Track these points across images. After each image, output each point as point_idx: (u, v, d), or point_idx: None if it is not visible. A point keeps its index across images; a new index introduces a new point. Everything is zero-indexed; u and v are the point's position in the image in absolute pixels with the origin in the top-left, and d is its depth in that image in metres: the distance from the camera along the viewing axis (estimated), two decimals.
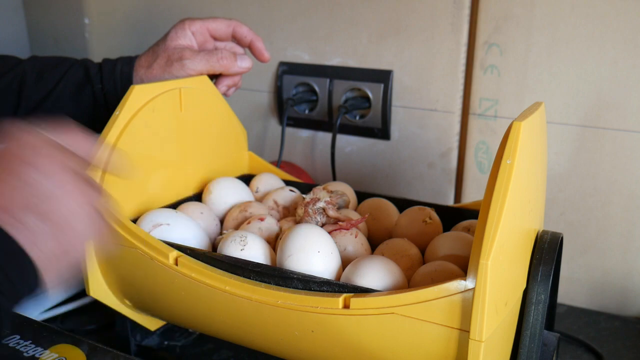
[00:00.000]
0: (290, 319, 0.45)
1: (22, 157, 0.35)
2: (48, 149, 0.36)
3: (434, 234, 0.56)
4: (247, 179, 0.70)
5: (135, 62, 0.67)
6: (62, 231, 0.36)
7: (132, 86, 0.57)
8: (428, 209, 0.58)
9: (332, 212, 0.55)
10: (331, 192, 0.58)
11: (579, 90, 0.70)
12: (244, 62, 0.68)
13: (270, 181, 0.68)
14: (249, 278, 0.48)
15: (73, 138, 0.40)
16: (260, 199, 0.65)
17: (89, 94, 0.67)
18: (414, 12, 0.77)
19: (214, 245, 0.57)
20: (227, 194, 0.64)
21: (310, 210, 0.55)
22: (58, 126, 0.39)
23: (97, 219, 0.39)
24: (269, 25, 0.88)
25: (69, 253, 0.37)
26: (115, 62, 0.68)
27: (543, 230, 0.48)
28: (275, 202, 0.63)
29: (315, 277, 0.46)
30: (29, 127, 0.37)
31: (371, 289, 0.44)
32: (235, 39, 0.71)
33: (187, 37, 0.67)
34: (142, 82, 0.66)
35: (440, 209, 0.60)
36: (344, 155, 0.88)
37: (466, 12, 0.74)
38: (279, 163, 0.85)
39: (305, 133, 0.91)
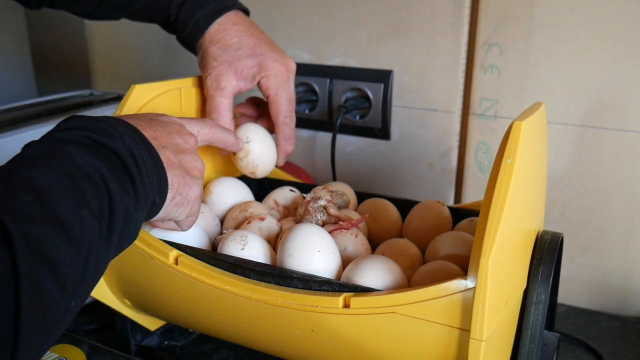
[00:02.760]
0: (290, 319, 0.45)
1: (171, 124, 0.48)
2: (189, 131, 0.50)
3: (445, 229, 0.57)
4: (247, 179, 0.70)
5: (215, 24, 0.62)
6: (189, 175, 0.46)
7: (132, 86, 0.57)
8: (439, 203, 0.60)
9: (332, 210, 0.55)
10: (331, 192, 0.58)
11: (579, 90, 0.70)
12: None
13: (256, 130, 0.63)
14: (249, 277, 0.48)
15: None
16: (250, 153, 0.62)
17: (163, 16, 0.65)
18: (414, 12, 0.77)
19: (214, 245, 0.57)
20: (228, 193, 0.64)
21: (310, 208, 0.55)
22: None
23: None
24: (269, 25, 0.88)
25: (188, 194, 0.46)
26: (199, 7, 0.62)
27: (543, 230, 0.48)
28: (276, 202, 0.63)
29: (315, 277, 0.46)
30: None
31: (371, 289, 0.44)
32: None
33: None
34: (196, 45, 0.64)
35: None
36: (344, 155, 0.88)
37: (466, 12, 0.74)
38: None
39: (305, 133, 0.91)
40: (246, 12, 0.65)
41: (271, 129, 0.66)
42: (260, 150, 0.62)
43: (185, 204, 0.46)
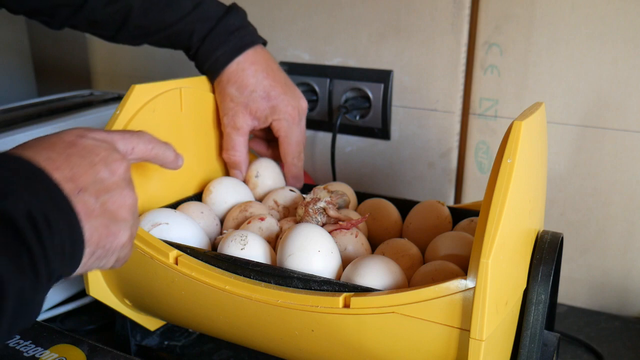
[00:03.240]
0: (290, 318, 0.45)
1: (97, 149, 0.39)
2: (119, 154, 0.41)
3: (445, 229, 0.57)
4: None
5: (234, 63, 0.65)
6: (114, 221, 0.38)
7: (132, 86, 0.57)
8: (439, 203, 0.60)
9: (332, 212, 0.55)
10: (331, 192, 0.58)
11: (579, 90, 0.70)
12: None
13: (269, 166, 0.68)
14: (249, 277, 0.48)
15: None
16: (256, 186, 0.66)
17: (184, 48, 0.67)
18: (414, 12, 0.77)
19: (214, 245, 0.57)
20: (228, 193, 0.64)
21: (310, 210, 0.55)
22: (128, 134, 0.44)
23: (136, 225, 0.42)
24: (269, 25, 0.88)
25: (112, 244, 0.38)
26: (220, 44, 0.64)
27: (543, 230, 0.48)
28: (276, 202, 0.63)
29: (315, 277, 0.46)
30: (105, 132, 0.42)
31: (371, 289, 0.44)
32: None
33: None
34: (214, 81, 0.66)
35: None
36: (344, 155, 0.88)
37: (466, 12, 0.74)
38: (279, 163, 0.84)
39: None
40: (264, 44, 0.68)
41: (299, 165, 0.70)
42: (268, 185, 0.67)
43: (109, 254, 0.39)
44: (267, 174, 0.67)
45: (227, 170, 0.70)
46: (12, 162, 0.34)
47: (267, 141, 0.72)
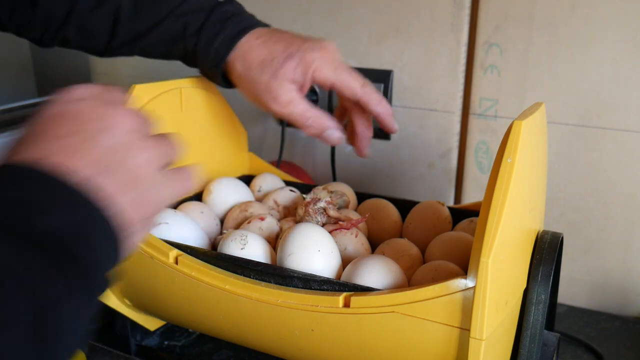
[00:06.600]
0: (290, 318, 0.45)
1: (87, 112, 0.33)
2: (115, 107, 0.34)
3: (445, 229, 0.57)
4: (247, 179, 0.70)
5: (237, 47, 0.58)
6: (139, 182, 0.33)
7: (132, 86, 0.57)
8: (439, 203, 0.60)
9: (332, 212, 0.55)
10: (331, 192, 0.58)
11: (579, 90, 0.70)
12: None
13: (271, 180, 0.68)
14: (249, 277, 0.48)
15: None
16: (261, 199, 0.65)
17: (180, 48, 0.61)
18: (414, 12, 0.77)
19: (214, 245, 0.57)
20: (228, 194, 0.64)
21: (310, 210, 0.55)
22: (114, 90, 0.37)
23: (173, 172, 0.36)
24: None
25: (145, 210, 0.34)
26: (216, 33, 0.59)
27: (543, 230, 0.48)
28: (276, 202, 0.63)
29: (315, 276, 0.46)
30: (90, 86, 0.35)
31: (371, 288, 0.44)
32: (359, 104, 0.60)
33: (302, 76, 0.57)
34: (232, 76, 0.60)
35: None
36: (344, 155, 0.88)
37: (466, 12, 0.75)
38: (279, 163, 0.85)
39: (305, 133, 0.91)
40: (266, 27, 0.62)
41: (366, 116, 0.61)
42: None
43: (158, 207, 0.35)
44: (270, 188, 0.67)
45: (227, 170, 0.70)
46: (24, 178, 0.29)
47: (341, 112, 0.65)
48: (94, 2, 0.61)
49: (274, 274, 0.47)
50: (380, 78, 0.82)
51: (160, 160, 0.35)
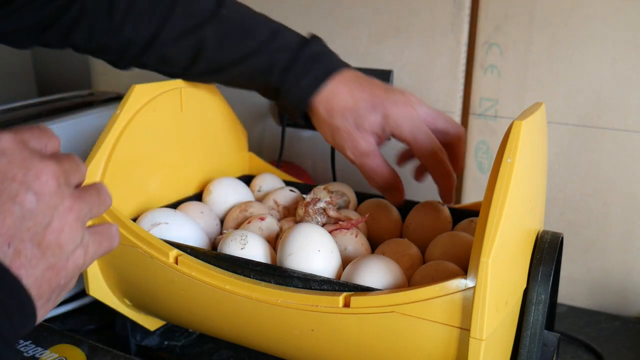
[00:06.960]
0: (290, 318, 0.45)
1: (3, 170, 0.30)
2: (39, 162, 0.31)
3: (445, 229, 0.57)
4: (247, 179, 0.70)
5: (322, 90, 0.58)
6: (60, 253, 0.31)
7: (132, 86, 0.58)
8: (440, 203, 0.60)
9: (332, 213, 0.55)
10: (331, 192, 0.58)
11: (579, 90, 0.70)
12: None
13: (271, 181, 0.68)
14: (249, 277, 0.48)
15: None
16: (261, 199, 0.65)
17: (263, 83, 0.60)
18: (414, 12, 0.77)
19: (214, 245, 0.57)
20: (228, 194, 0.64)
21: (310, 211, 0.55)
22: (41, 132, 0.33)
23: (100, 233, 0.35)
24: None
25: (67, 275, 0.32)
26: (303, 74, 0.58)
27: (543, 230, 0.48)
28: (276, 202, 0.63)
29: (315, 276, 0.46)
30: (13, 135, 0.31)
31: (371, 288, 0.44)
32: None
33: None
34: (312, 116, 0.60)
35: None
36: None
37: (466, 12, 0.75)
38: (279, 163, 0.84)
39: (305, 133, 0.91)
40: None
41: (442, 169, 0.59)
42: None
43: (69, 283, 0.33)
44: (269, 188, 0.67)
45: (227, 170, 0.70)
46: None
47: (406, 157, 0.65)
48: (178, 31, 0.59)
49: (274, 274, 0.47)
50: (380, 78, 0.81)
51: (86, 217, 0.33)
